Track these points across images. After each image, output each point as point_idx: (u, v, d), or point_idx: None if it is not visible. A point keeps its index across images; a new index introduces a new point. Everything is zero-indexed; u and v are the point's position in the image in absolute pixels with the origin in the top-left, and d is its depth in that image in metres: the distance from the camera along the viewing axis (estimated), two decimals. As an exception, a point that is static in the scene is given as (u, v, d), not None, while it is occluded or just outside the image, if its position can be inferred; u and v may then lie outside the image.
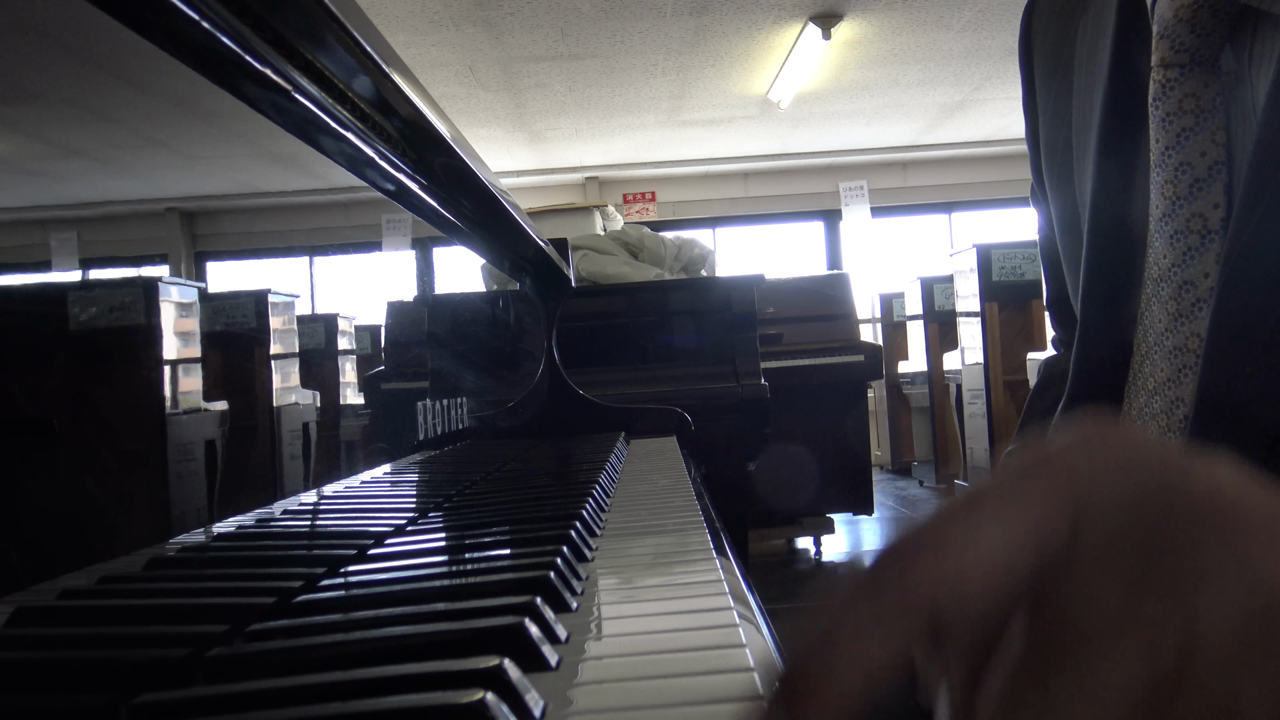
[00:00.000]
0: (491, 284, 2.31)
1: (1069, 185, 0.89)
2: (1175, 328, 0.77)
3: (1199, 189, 0.75)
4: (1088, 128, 0.85)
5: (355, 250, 1.12)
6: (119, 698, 0.41)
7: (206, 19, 0.60)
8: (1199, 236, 0.75)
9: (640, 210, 8.57)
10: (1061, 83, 0.89)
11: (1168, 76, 0.75)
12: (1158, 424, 0.79)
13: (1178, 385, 0.77)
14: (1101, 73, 0.83)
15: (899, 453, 7.49)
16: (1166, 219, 0.77)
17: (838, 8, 5.19)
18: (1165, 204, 0.77)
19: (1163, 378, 0.79)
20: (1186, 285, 0.76)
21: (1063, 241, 0.93)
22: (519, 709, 0.39)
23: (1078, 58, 0.87)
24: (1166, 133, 0.76)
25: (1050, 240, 1.02)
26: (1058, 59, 0.91)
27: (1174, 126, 0.75)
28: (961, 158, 8.73)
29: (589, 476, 1.12)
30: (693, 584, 0.62)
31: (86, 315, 0.56)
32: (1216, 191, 0.74)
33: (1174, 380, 0.78)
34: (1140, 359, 0.81)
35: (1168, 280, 0.77)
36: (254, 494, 0.78)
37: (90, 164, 0.58)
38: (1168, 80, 0.75)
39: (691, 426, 1.97)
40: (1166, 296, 0.77)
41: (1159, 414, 0.79)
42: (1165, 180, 0.76)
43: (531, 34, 5.30)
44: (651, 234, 3.38)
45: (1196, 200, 0.75)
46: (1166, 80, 0.75)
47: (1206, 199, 0.75)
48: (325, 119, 0.82)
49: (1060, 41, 0.91)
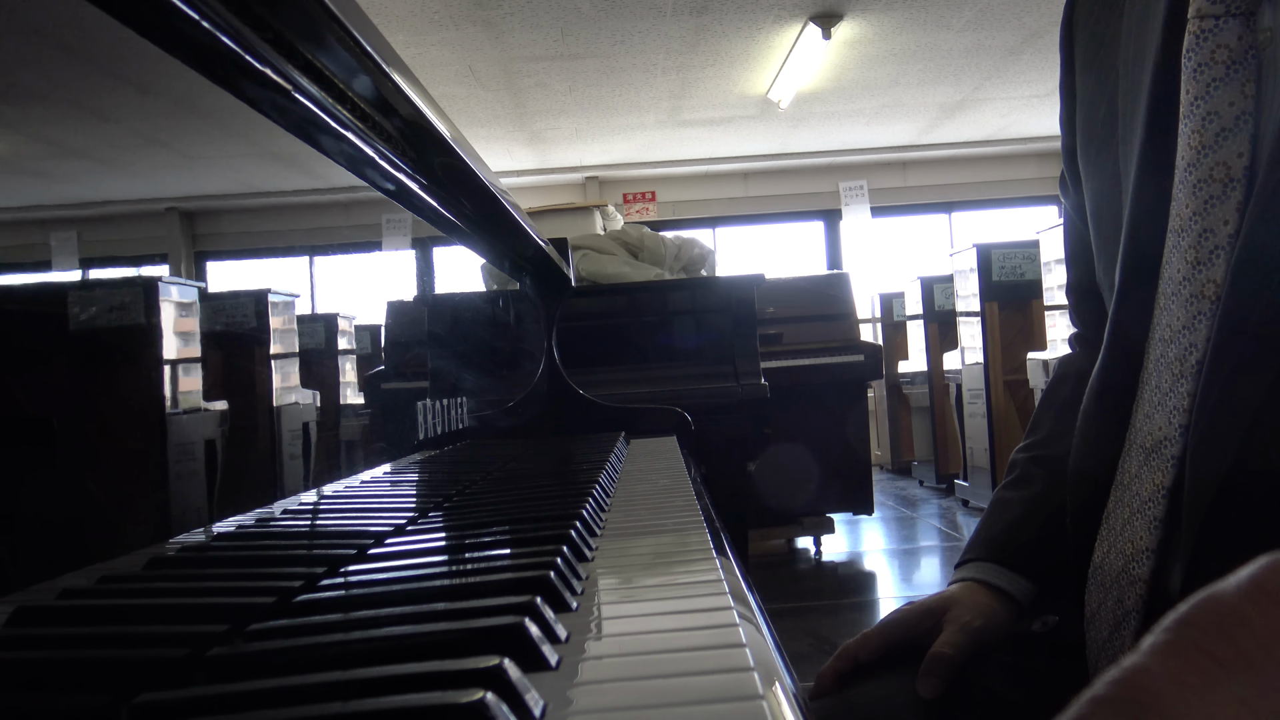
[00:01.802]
0: (491, 284, 2.31)
1: (1110, 158, 0.90)
2: (1193, 276, 0.77)
3: (1224, 138, 0.76)
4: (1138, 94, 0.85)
5: (355, 250, 1.12)
6: (119, 698, 0.41)
7: (206, 19, 0.60)
8: (1221, 185, 0.76)
9: (640, 210, 8.57)
10: (1106, 60, 0.91)
11: (1203, 27, 0.76)
12: (1171, 371, 0.80)
13: (1192, 331, 0.78)
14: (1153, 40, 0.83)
15: (899, 453, 7.48)
16: (1191, 168, 0.77)
17: (838, 8, 5.19)
18: (1191, 154, 0.77)
19: (1178, 325, 0.79)
20: (1206, 233, 0.76)
21: (1098, 217, 0.94)
22: (519, 709, 0.39)
23: (1124, 33, 0.88)
24: (1197, 83, 0.77)
25: (1077, 227, 1.03)
26: (1101, 39, 0.92)
27: (1204, 77, 0.76)
28: (961, 158, 8.73)
29: (589, 476, 1.12)
30: (693, 584, 0.62)
31: (86, 315, 0.56)
32: (1242, 141, 0.75)
33: (1189, 327, 0.78)
34: (1159, 311, 0.81)
35: (1188, 230, 0.78)
36: (254, 494, 0.78)
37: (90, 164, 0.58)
38: (1202, 31, 0.76)
39: (691, 426, 1.97)
40: (1186, 246, 0.78)
41: (1173, 362, 0.79)
42: (1192, 130, 0.77)
43: (531, 34, 5.30)
44: (651, 234, 3.38)
45: (1222, 149, 0.76)
46: (1201, 31, 0.76)
47: (1231, 148, 0.75)
48: (325, 119, 0.82)
49: (1105, 21, 0.92)
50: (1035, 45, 5.94)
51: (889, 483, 7.12)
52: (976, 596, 0.97)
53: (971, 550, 1.03)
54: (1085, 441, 0.93)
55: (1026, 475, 1.05)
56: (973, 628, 0.92)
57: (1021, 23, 5.56)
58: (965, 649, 0.90)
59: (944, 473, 6.50)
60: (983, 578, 0.99)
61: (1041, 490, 1.02)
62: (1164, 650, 0.39)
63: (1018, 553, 0.99)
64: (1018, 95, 7.04)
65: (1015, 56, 6.15)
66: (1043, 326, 5.21)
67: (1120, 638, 0.83)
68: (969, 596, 0.96)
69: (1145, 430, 0.82)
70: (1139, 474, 0.82)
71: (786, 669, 0.47)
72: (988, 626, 0.94)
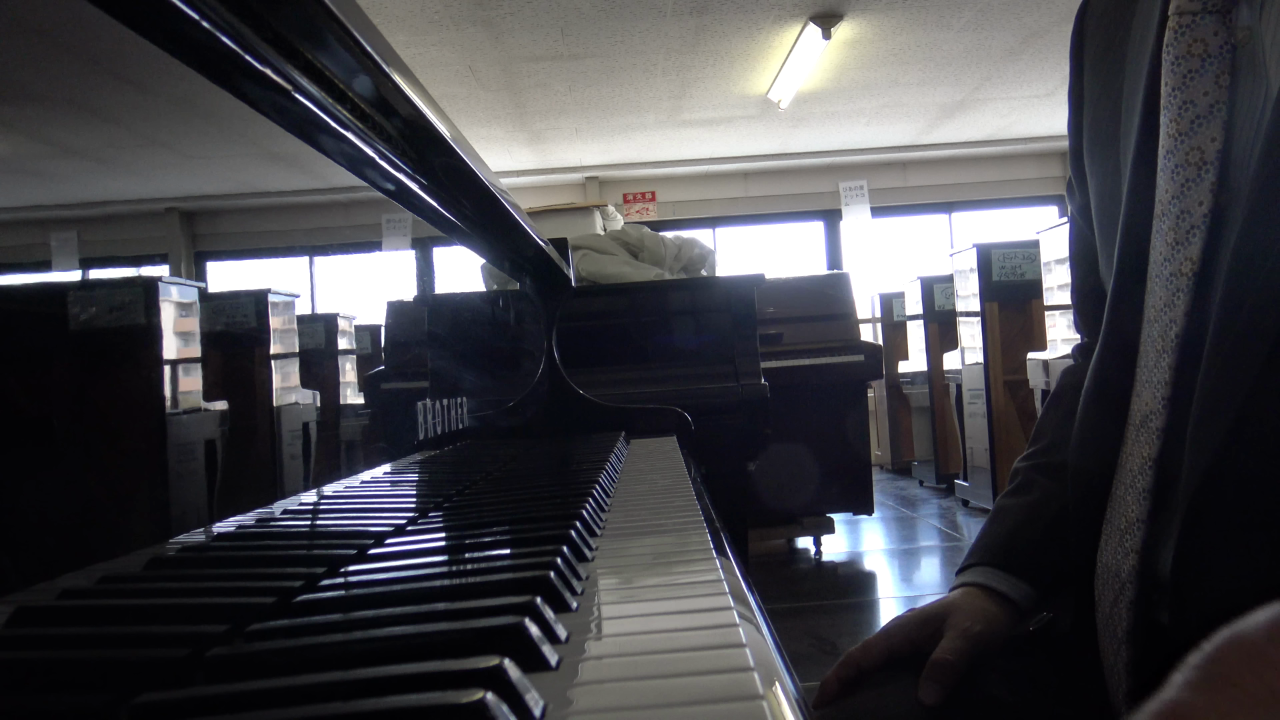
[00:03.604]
0: (491, 284, 2.31)
1: (1112, 154, 0.94)
2: (1172, 255, 0.82)
3: (1199, 124, 0.81)
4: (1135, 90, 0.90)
5: (355, 250, 1.12)
6: (119, 698, 0.41)
7: (206, 19, 0.60)
8: (1196, 168, 0.81)
9: (640, 210, 8.57)
10: (1114, 61, 0.95)
11: (1181, 23, 0.81)
12: (1155, 348, 0.84)
13: (1172, 308, 0.82)
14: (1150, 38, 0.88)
15: (899, 452, 7.49)
16: (1169, 154, 0.82)
17: (838, 8, 5.19)
18: (1169, 141, 0.82)
19: (1160, 304, 0.83)
20: (1184, 214, 0.81)
21: (1100, 213, 0.97)
22: (519, 709, 0.39)
23: (1133, 33, 0.92)
24: (1174, 74, 0.82)
25: (1082, 230, 1.05)
26: (1110, 41, 0.96)
27: (1181, 68, 0.81)
28: (961, 158, 8.73)
29: (589, 476, 1.12)
30: (693, 584, 0.62)
31: (86, 315, 0.56)
32: (1215, 127, 0.80)
33: (1169, 304, 0.82)
34: (1146, 294, 0.85)
35: (1167, 213, 0.82)
36: (254, 494, 0.78)
37: (90, 164, 0.58)
38: (1181, 26, 0.81)
39: (691, 426, 1.97)
40: (1166, 228, 0.82)
41: (1156, 339, 0.83)
42: (1170, 119, 0.82)
43: (531, 34, 5.30)
44: (651, 234, 3.38)
45: (1197, 134, 0.81)
46: (1180, 26, 0.81)
47: (1205, 133, 0.80)
48: (325, 119, 0.82)
49: (1113, 30, 0.96)
50: (1035, 45, 5.93)
51: (889, 483, 7.13)
52: (976, 602, 0.97)
53: (972, 556, 1.03)
54: (1084, 437, 0.94)
55: (1028, 483, 1.06)
56: (973, 633, 0.92)
57: (1021, 23, 5.56)
58: (966, 654, 0.91)
59: (944, 473, 6.50)
60: (983, 582, 0.99)
61: (1042, 496, 1.03)
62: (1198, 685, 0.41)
63: (1018, 557, 1.00)
64: (1018, 95, 7.04)
65: (1015, 57, 6.15)
66: (1043, 327, 5.21)
67: (1118, 613, 0.85)
68: (969, 602, 0.97)
69: (1135, 409, 0.86)
70: (1131, 450, 0.85)
71: (786, 669, 0.47)
72: (988, 631, 0.94)
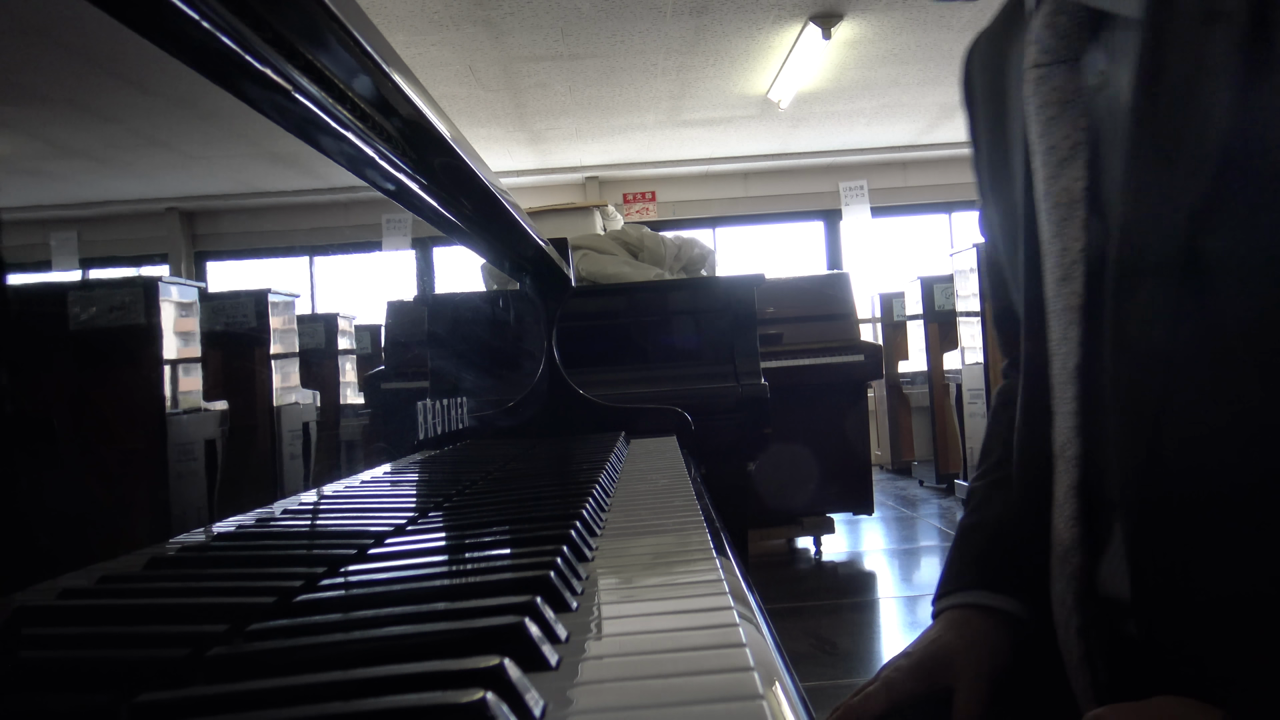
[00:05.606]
0: (491, 284, 2.31)
1: (1007, 193, 0.97)
2: (1059, 290, 0.86)
3: (1064, 166, 0.85)
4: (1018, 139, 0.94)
5: (355, 250, 1.12)
6: (119, 698, 0.41)
7: (206, 19, 0.60)
8: (1067, 207, 0.85)
9: (640, 210, 8.57)
10: (997, 109, 0.99)
11: (1038, 74, 0.86)
12: (1060, 379, 0.87)
13: (1068, 340, 0.85)
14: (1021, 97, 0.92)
15: (899, 452, 7.48)
16: (1045, 197, 0.86)
17: (838, 8, 5.19)
18: (1042, 184, 0.87)
19: (1058, 336, 0.87)
20: (1064, 251, 0.85)
21: (1005, 250, 1.01)
22: (519, 709, 0.39)
23: (1009, 85, 0.96)
24: (1038, 121, 0.87)
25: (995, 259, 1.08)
26: (993, 91, 1.01)
27: (1043, 115, 0.86)
28: (961, 158, 8.69)
29: (589, 476, 1.12)
30: (693, 584, 0.62)
31: (86, 315, 0.56)
32: (1078, 167, 0.84)
33: (1065, 337, 0.86)
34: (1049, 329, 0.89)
35: (1050, 251, 0.86)
36: (254, 494, 0.78)
37: (90, 164, 0.58)
38: (1039, 77, 0.86)
39: (691, 426, 1.97)
40: (1051, 265, 0.86)
41: (1059, 371, 0.87)
42: (1040, 163, 0.87)
43: (531, 34, 5.30)
44: (651, 234, 3.38)
45: (1063, 176, 0.85)
46: (1038, 77, 0.86)
47: (1070, 174, 0.85)
48: (325, 119, 0.82)
49: (997, 73, 1.00)
50: (1035, 45, 5.93)
51: (889, 483, 7.12)
52: (971, 630, 0.95)
53: (950, 582, 1.02)
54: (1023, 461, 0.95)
55: (986, 500, 1.07)
56: (985, 675, 0.92)
57: (1021, 23, 5.56)
58: (987, 701, 0.91)
59: (944, 472, 6.50)
60: (975, 603, 0.98)
61: (1004, 511, 1.03)
62: None
63: (1002, 573, 0.99)
64: (1018, 95, 7.03)
65: (1015, 56, 6.15)
66: (1043, 326, 5.21)
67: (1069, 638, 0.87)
68: (966, 635, 0.95)
69: (1054, 438, 0.88)
70: (1058, 478, 0.88)
71: (786, 669, 0.47)
72: (998, 663, 0.93)
